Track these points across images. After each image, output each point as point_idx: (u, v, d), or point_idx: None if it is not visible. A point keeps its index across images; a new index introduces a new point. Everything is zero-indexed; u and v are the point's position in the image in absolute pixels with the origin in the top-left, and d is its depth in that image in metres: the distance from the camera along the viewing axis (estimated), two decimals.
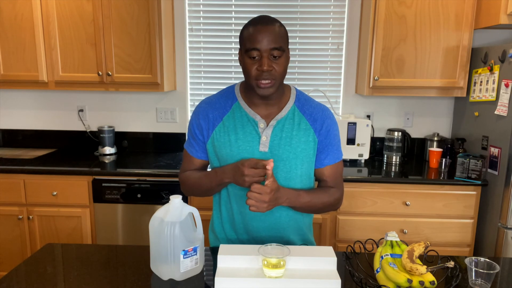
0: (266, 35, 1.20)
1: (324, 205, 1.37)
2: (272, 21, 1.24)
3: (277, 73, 1.24)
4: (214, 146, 1.35)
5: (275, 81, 1.25)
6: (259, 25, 1.22)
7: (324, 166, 1.38)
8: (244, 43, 1.25)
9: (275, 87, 1.26)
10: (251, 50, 1.22)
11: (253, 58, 1.23)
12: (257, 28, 1.21)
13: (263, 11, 2.79)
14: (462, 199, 2.34)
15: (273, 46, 1.21)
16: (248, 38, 1.23)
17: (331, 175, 1.39)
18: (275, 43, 1.21)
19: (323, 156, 1.37)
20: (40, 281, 1.17)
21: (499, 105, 2.22)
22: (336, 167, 1.40)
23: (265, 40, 1.20)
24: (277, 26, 1.24)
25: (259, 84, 1.24)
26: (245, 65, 1.26)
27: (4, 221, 2.49)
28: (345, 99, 2.91)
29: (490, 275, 1.13)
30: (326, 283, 1.11)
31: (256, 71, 1.23)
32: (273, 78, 1.24)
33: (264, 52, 1.21)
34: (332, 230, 2.43)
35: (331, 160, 1.38)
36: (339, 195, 1.41)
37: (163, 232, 1.14)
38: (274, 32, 1.21)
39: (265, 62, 1.21)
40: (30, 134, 3.04)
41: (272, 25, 1.23)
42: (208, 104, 1.38)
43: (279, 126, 1.33)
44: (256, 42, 1.21)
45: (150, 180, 2.41)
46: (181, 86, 2.93)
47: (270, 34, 1.21)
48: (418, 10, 2.44)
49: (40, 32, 2.56)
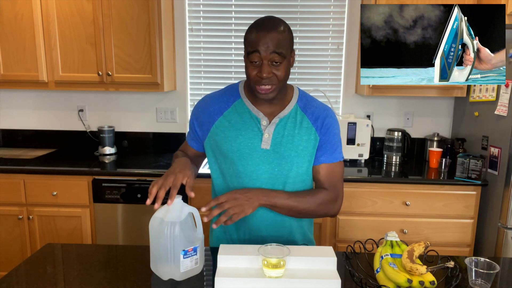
0: (267, 41, 1.19)
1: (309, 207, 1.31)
2: (276, 26, 1.22)
3: (277, 79, 1.24)
4: (216, 140, 1.35)
5: (275, 86, 1.25)
6: (262, 31, 1.20)
7: (319, 164, 1.36)
8: (246, 46, 1.25)
9: (275, 92, 1.26)
10: (252, 54, 1.21)
11: (254, 63, 1.22)
12: (259, 34, 1.20)
13: (263, 11, 2.79)
14: (462, 199, 2.34)
15: (273, 53, 1.20)
16: (250, 42, 1.22)
17: (326, 176, 1.36)
18: (276, 49, 1.20)
19: (320, 153, 1.36)
20: (40, 281, 1.17)
21: (499, 105, 2.23)
22: (333, 167, 1.36)
23: (266, 46, 1.19)
24: (280, 30, 1.21)
25: (259, 90, 1.24)
26: (246, 67, 1.26)
27: (4, 221, 2.49)
28: (345, 99, 2.91)
29: (490, 275, 1.13)
30: (326, 283, 1.11)
31: (256, 76, 1.23)
32: (273, 83, 1.24)
33: (264, 59, 1.20)
34: (332, 230, 2.43)
35: (328, 159, 1.36)
36: (330, 198, 1.33)
37: (163, 232, 1.14)
38: (276, 39, 1.19)
39: (265, 69, 1.21)
40: (30, 134, 3.04)
41: (275, 31, 1.20)
42: (211, 98, 1.39)
43: (282, 124, 1.33)
44: (257, 47, 1.20)
45: (150, 180, 2.41)
46: (181, 86, 2.93)
47: (272, 40, 1.19)
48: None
49: (40, 32, 2.56)
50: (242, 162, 1.32)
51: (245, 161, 1.32)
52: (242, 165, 1.32)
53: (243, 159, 1.32)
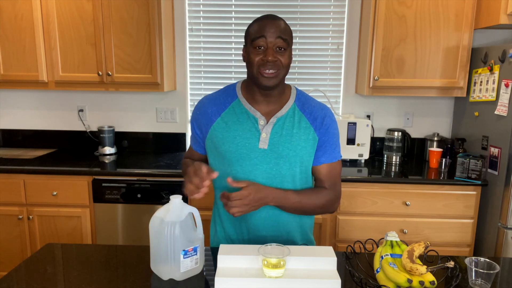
0: (272, 27, 1.24)
1: (315, 207, 1.35)
2: (278, 18, 1.28)
3: (282, 64, 1.26)
4: (214, 142, 1.36)
5: (279, 71, 1.26)
6: (266, 20, 1.26)
7: (320, 164, 1.37)
8: (250, 35, 1.28)
9: (278, 78, 1.27)
10: (258, 39, 1.24)
11: (259, 48, 1.25)
12: (264, 22, 1.26)
13: (263, 11, 2.79)
14: (462, 199, 2.34)
15: (279, 36, 1.24)
16: (255, 30, 1.26)
17: (327, 175, 1.38)
18: (281, 34, 1.24)
19: (320, 153, 1.37)
20: (40, 281, 1.17)
21: (499, 105, 2.23)
22: (333, 166, 1.38)
23: (272, 31, 1.24)
24: (283, 22, 1.28)
25: (263, 73, 1.25)
26: (249, 55, 1.27)
27: (4, 221, 2.49)
28: (345, 99, 2.91)
29: (490, 275, 1.13)
30: (326, 283, 1.11)
31: (261, 60, 1.25)
32: (277, 68, 1.26)
33: (270, 43, 1.24)
34: (332, 230, 2.43)
35: (328, 159, 1.37)
36: (332, 197, 1.38)
37: (163, 232, 1.14)
38: (280, 26, 1.26)
39: (270, 52, 1.24)
40: (30, 134, 3.04)
41: (278, 20, 1.27)
42: (208, 100, 1.39)
43: (280, 123, 1.33)
44: (263, 32, 1.24)
45: (150, 180, 2.41)
46: (181, 86, 2.93)
47: (277, 27, 1.25)
48: (418, 10, 2.44)
49: (40, 32, 2.56)
50: (240, 162, 1.32)
51: (243, 161, 1.32)
52: (240, 165, 1.32)
53: (241, 159, 1.32)
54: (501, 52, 2.22)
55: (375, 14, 2.47)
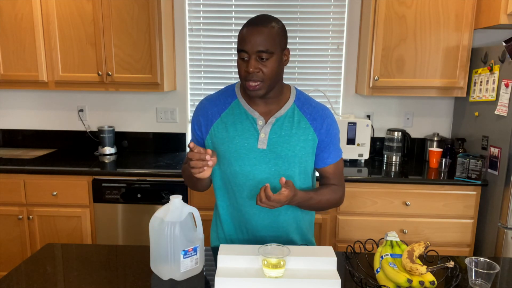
0: (254, 37, 1.20)
1: (330, 204, 1.41)
2: (265, 22, 1.23)
3: (264, 75, 1.23)
4: (213, 142, 1.36)
5: (262, 83, 1.24)
6: (250, 27, 1.22)
7: (327, 165, 1.40)
8: (237, 44, 1.27)
9: (263, 89, 1.26)
10: (240, 52, 1.24)
11: (244, 59, 1.24)
12: (248, 30, 1.22)
13: (263, 11, 2.79)
14: (462, 199, 2.34)
15: (259, 49, 1.21)
16: (239, 39, 1.25)
17: (334, 173, 1.42)
18: (262, 46, 1.20)
19: (325, 155, 1.38)
20: (40, 281, 1.17)
21: (499, 105, 2.23)
22: (338, 164, 1.42)
23: (252, 42, 1.21)
24: (269, 27, 1.22)
25: (247, 86, 1.25)
26: (237, 65, 1.28)
27: (4, 221, 2.49)
28: (345, 99, 2.91)
29: (490, 275, 1.13)
30: (326, 283, 1.11)
31: (244, 72, 1.24)
32: (260, 80, 1.24)
33: (251, 54, 1.22)
34: (332, 230, 2.43)
35: (334, 159, 1.40)
36: (342, 192, 1.44)
37: (163, 232, 1.14)
38: (263, 34, 1.21)
39: (251, 64, 1.22)
40: (30, 134, 3.04)
41: (263, 27, 1.21)
42: (208, 101, 1.39)
43: (278, 124, 1.33)
44: (244, 44, 1.22)
45: (150, 180, 2.41)
46: (181, 86, 2.93)
47: (259, 36, 1.20)
48: (418, 10, 2.44)
49: (40, 32, 2.56)
50: (239, 162, 1.32)
51: (241, 162, 1.32)
52: (239, 165, 1.33)
53: (240, 160, 1.32)
54: (501, 52, 2.22)
55: (375, 14, 2.47)
